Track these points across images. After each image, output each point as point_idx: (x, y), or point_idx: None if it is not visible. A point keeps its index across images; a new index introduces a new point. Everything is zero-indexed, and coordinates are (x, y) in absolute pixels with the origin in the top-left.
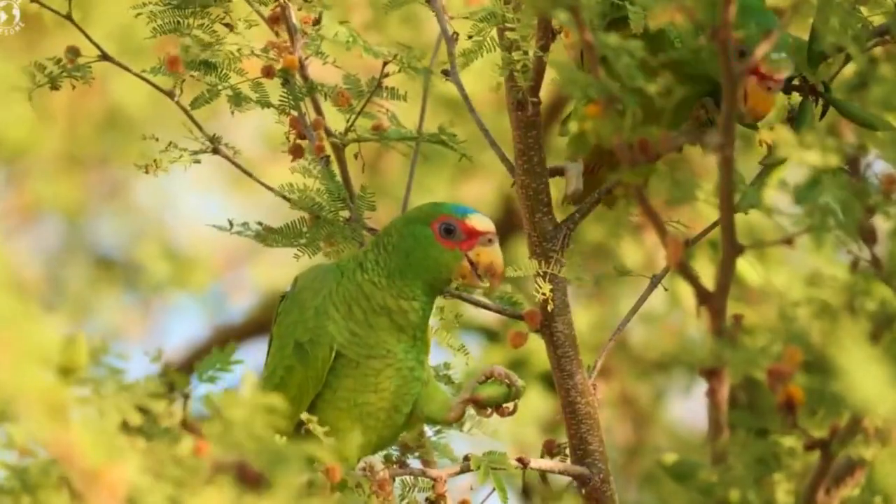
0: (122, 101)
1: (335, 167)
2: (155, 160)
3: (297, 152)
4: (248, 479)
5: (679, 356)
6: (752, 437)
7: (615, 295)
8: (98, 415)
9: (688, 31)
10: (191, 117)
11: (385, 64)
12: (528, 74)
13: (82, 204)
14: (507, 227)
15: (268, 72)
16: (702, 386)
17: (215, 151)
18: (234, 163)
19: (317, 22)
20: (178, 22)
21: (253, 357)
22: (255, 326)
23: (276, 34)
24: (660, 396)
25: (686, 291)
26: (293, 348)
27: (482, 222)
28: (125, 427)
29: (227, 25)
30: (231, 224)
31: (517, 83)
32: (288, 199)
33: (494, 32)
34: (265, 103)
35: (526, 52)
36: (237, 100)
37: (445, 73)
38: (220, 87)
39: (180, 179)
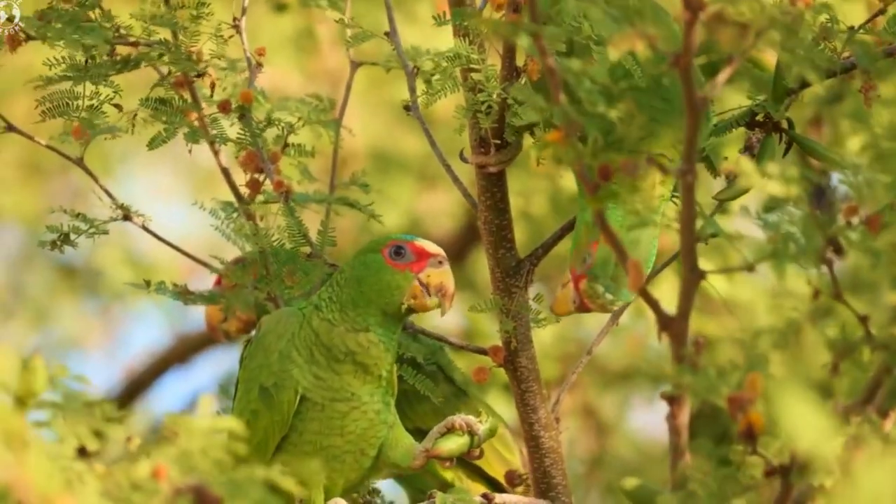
0: None
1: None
2: (66, 234)
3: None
4: (208, 502)
5: (642, 367)
6: (713, 463)
7: None
8: (55, 440)
9: (648, 59)
10: (100, 185)
11: (288, 132)
12: (491, 116)
13: (42, 210)
14: (469, 238)
15: (225, 106)
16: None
17: (126, 219)
18: (149, 231)
19: (227, 107)
20: (68, 104)
21: (214, 365)
22: None
23: (184, 100)
24: (623, 407)
25: None
26: (258, 392)
27: (431, 245)
28: (82, 452)
29: (116, 106)
30: (148, 284)
31: (480, 123)
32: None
33: (458, 72)
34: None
35: (490, 94)
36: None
37: (407, 108)
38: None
39: (143, 185)
